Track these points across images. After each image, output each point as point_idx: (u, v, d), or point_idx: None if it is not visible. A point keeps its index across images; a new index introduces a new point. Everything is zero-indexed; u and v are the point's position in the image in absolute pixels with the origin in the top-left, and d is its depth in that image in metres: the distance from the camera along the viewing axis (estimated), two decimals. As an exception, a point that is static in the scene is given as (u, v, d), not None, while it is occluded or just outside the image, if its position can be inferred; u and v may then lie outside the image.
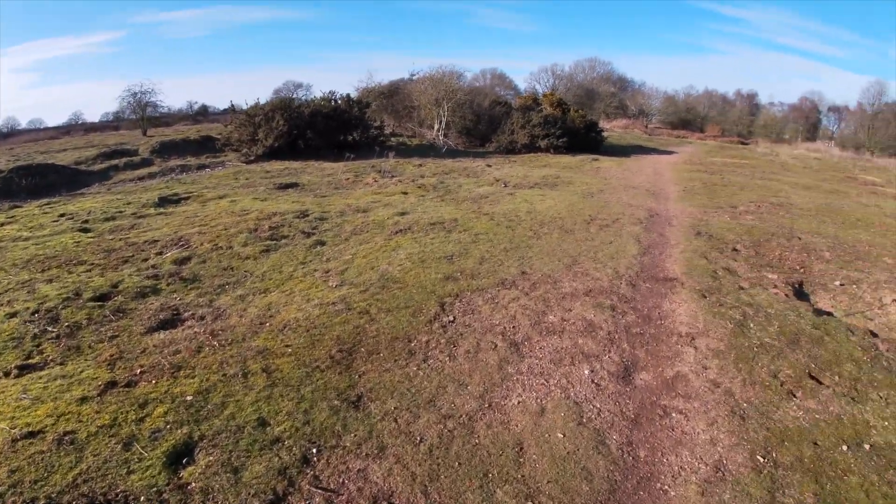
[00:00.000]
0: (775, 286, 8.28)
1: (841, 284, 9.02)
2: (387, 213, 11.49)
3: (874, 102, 60.19)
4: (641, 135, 48.61)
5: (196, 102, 55.74)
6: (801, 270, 9.53)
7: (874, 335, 6.98)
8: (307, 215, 11.27)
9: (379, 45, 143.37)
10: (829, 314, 7.76)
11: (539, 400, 4.85)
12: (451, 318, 6.42)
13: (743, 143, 51.33)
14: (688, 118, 65.76)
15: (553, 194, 14.66)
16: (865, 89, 62.43)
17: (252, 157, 22.29)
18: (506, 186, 16.15)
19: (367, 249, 8.99)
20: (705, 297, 7.27)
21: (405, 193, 14.28)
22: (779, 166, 29.41)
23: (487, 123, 31.39)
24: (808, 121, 68.66)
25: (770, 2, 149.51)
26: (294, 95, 29.29)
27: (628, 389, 5.10)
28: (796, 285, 8.72)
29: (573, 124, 31.38)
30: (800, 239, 11.42)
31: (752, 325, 6.54)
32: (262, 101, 24.13)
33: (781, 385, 5.27)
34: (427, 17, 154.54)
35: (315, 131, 23.23)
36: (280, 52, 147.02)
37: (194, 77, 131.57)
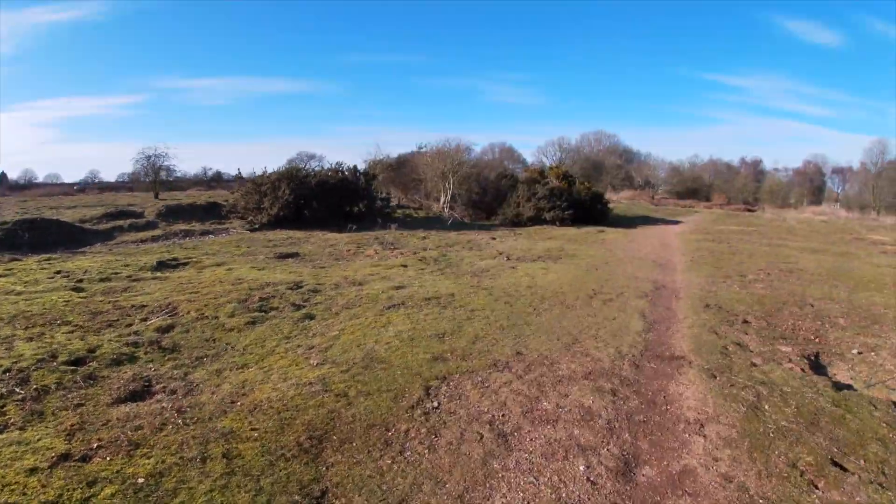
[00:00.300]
0: (790, 360, 7.75)
1: (859, 352, 8.51)
2: (382, 287, 11.14)
3: (877, 161, 60.11)
4: (648, 205, 48.61)
5: (210, 168, 56.85)
6: (817, 340, 9.01)
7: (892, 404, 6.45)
8: (301, 287, 10.94)
9: (391, 120, 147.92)
10: (849, 387, 7.20)
11: (526, 502, 4.31)
12: (435, 403, 5.92)
13: (749, 210, 51.11)
14: (693, 187, 65.91)
15: (556, 267, 14.27)
16: (868, 149, 62.56)
17: (257, 226, 22.44)
18: (508, 259, 15.81)
19: (356, 325, 8.57)
20: (715, 377, 6.73)
21: (405, 266, 13.98)
22: (786, 231, 29.02)
23: (494, 196, 31.49)
24: (812, 184, 68.80)
25: (768, 69, 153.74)
26: (306, 166, 29.71)
27: (628, 488, 4.53)
28: (812, 357, 8.18)
29: (579, 196, 31.39)
30: (812, 306, 10.95)
31: (766, 406, 5.98)
32: (273, 170, 24.51)
33: (801, 475, 4.70)
34: (438, 94, 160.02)
35: (320, 201, 23.33)
36: (295, 123, 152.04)
37: (212, 144, 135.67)
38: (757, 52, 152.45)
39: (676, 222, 33.83)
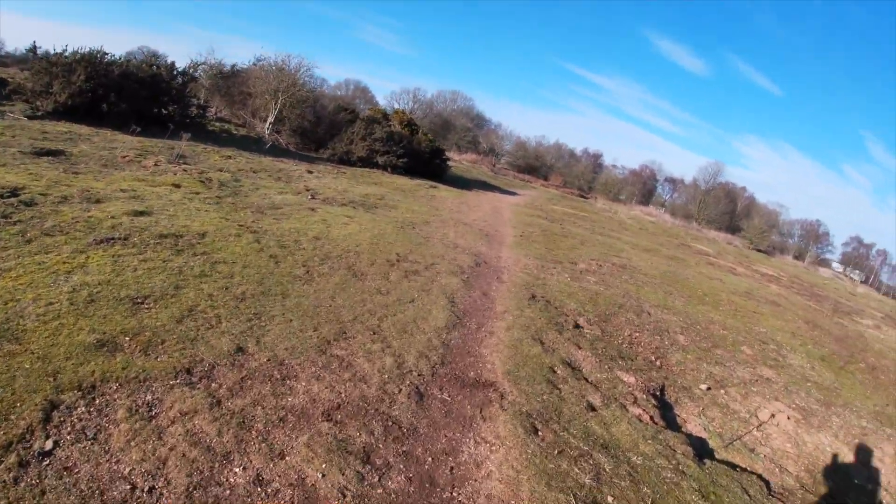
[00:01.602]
0: (635, 399, 5.68)
1: (707, 388, 7.02)
2: (119, 210, 7.59)
3: (710, 181, 67.32)
4: (488, 172, 47.40)
5: (41, 47, 46.69)
6: (659, 364, 7.30)
7: (768, 486, 4.83)
8: (17, 195, 7.16)
9: (251, 35, 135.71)
10: (705, 444, 5.49)
11: None
12: (48, 445, 2.96)
13: (583, 197, 52.33)
14: (535, 165, 66.60)
15: (364, 218, 11.42)
16: (703, 168, 69.80)
17: (40, 112, 17.48)
18: (312, 199, 12.71)
19: (31, 265, 5.12)
20: (537, 432, 4.28)
21: (177, 186, 10.34)
22: (617, 224, 28.86)
23: (328, 128, 28.02)
24: (644, 186, 73.28)
25: (631, 76, 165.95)
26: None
27: None
28: (658, 393, 6.28)
29: (419, 146, 28.93)
30: (650, 315, 9.42)
31: (611, 500, 3.66)
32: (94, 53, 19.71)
33: None
34: (312, 20, 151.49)
35: (123, 97, 18.89)
36: (155, 17, 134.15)
37: (59, 24, 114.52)
38: (625, 58, 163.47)
39: (513, 193, 32.62)
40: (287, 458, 3.32)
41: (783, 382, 7.91)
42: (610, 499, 3.65)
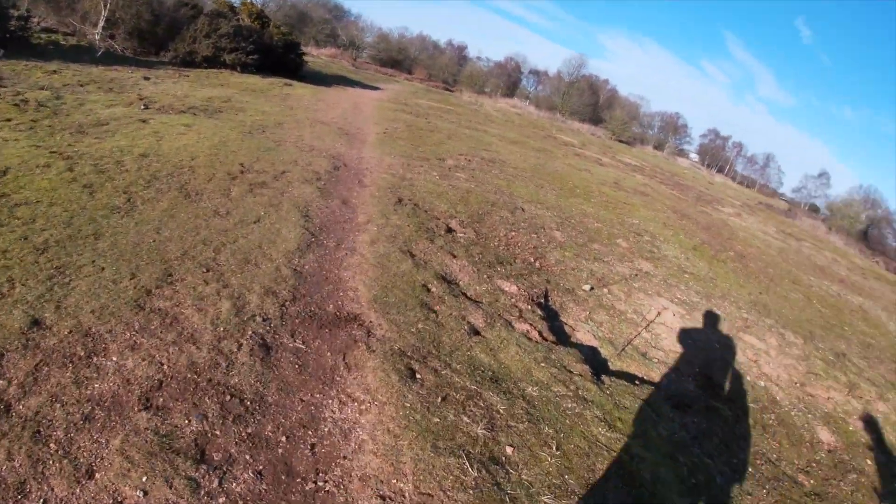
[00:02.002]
0: (520, 313, 5.12)
1: (591, 289, 6.66)
2: None
3: (574, 73, 67.98)
4: (348, 66, 44.78)
5: None
6: (538, 265, 6.86)
7: (668, 397, 4.67)
8: None
9: None
10: (596, 354, 5.15)
11: None
12: None
13: (448, 90, 51.20)
14: (398, 58, 64.26)
15: (205, 125, 9.78)
16: (567, 60, 70.46)
17: None
18: (146, 109, 10.81)
19: None
20: (414, 378, 3.53)
21: None
22: (483, 117, 28.26)
23: (168, 27, 24.39)
24: (509, 78, 72.92)
25: None
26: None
27: None
28: (542, 300, 5.78)
29: (271, 41, 26.24)
30: (524, 211, 8.96)
31: (511, 453, 3.04)
32: None
33: None
34: None
35: None
36: None
37: None
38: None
39: (375, 88, 30.91)
40: (97, 475, 2.34)
41: (662, 276, 7.81)
42: (509, 450, 3.04)
